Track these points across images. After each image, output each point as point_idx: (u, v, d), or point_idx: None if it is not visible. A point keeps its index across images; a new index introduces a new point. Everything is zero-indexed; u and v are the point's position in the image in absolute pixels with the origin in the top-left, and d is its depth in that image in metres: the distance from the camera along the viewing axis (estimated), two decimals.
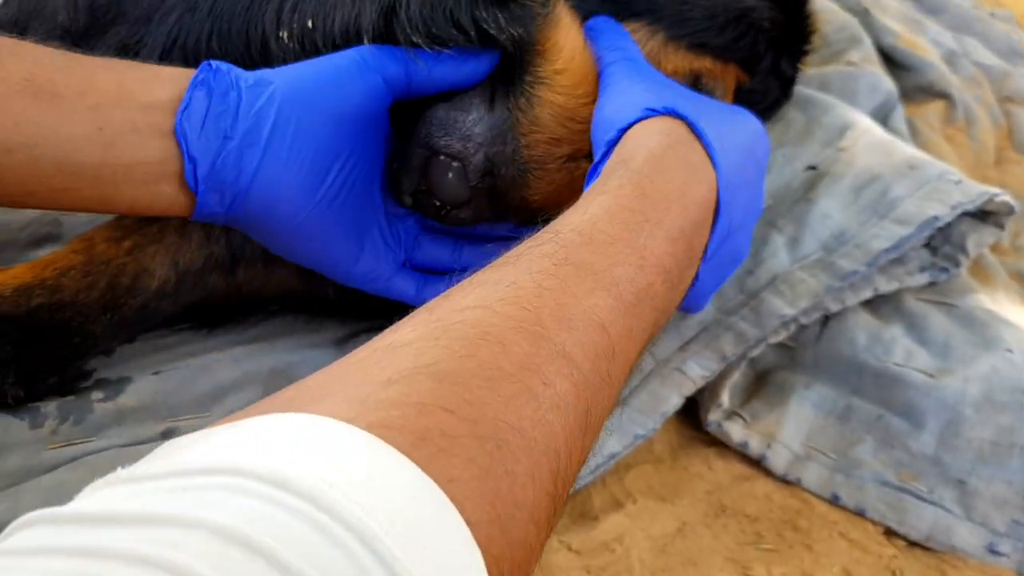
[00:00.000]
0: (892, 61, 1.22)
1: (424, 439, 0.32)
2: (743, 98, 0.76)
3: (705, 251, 0.57)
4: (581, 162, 0.68)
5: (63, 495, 0.68)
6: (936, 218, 0.84)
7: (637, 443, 0.75)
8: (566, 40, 0.67)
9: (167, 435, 0.73)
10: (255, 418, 0.33)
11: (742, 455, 0.79)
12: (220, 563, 0.25)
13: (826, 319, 0.85)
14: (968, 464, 0.75)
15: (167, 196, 0.59)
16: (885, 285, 0.86)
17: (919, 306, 0.86)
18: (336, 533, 0.27)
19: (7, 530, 0.29)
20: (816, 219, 0.86)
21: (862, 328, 0.83)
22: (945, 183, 0.87)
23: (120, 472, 0.31)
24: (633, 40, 0.69)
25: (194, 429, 0.73)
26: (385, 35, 0.63)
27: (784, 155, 0.93)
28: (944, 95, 1.16)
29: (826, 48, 1.22)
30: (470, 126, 0.64)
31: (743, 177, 0.60)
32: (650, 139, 0.56)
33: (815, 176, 0.91)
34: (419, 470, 0.30)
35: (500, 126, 0.65)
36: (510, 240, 0.61)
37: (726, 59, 0.72)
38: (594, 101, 0.66)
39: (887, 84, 1.12)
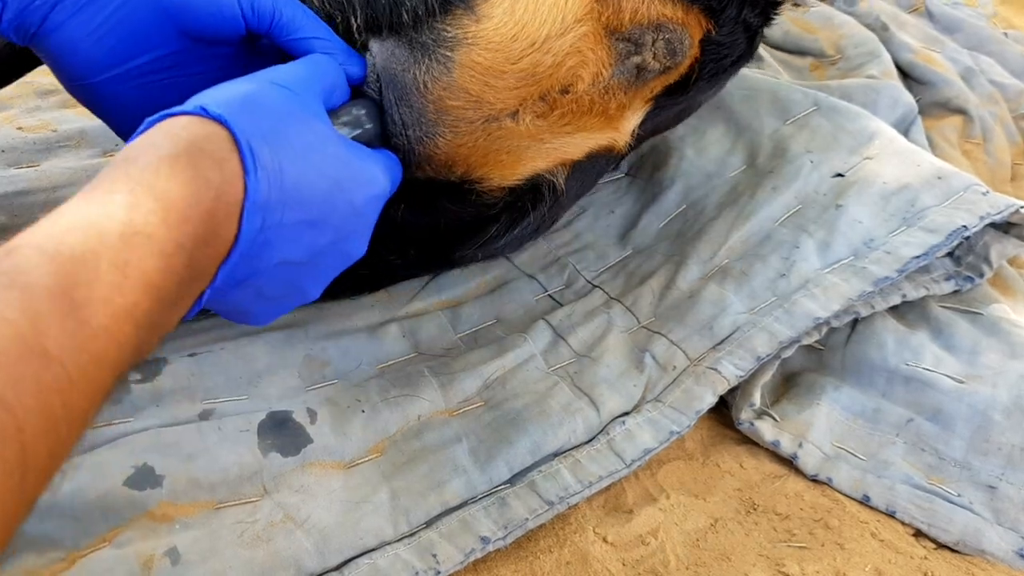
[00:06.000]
0: (910, 76, 1.24)
1: None
2: (711, 53, 0.75)
3: (216, 274, 0.51)
4: (504, 122, 0.68)
5: (104, 475, 0.68)
6: (964, 227, 0.85)
7: (672, 439, 0.76)
8: None
9: (204, 416, 0.73)
10: None
11: (772, 454, 0.79)
12: None
13: (854, 323, 0.86)
14: (998, 469, 0.76)
15: None
16: (912, 292, 0.87)
17: (944, 313, 0.87)
18: None
19: None
20: (846, 225, 0.87)
21: (890, 333, 0.84)
22: (973, 194, 0.88)
23: None
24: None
25: (233, 411, 0.74)
26: None
27: (811, 160, 0.94)
28: (961, 111, 1.18)
29: (845, 62, 1.24)
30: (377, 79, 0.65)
31: (313, 213, 0.54)
32: (168, 141, 0.49)
33: (844, 183, 0.92)
34: None
35: (402, 89, 0.65)
36: None
37: (690, 2, 0.70)
38: (539, 51, 0.65)
39: (907, 98, 1.13)
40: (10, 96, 1.01)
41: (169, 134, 0.49)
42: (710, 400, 0.78)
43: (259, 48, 0.66)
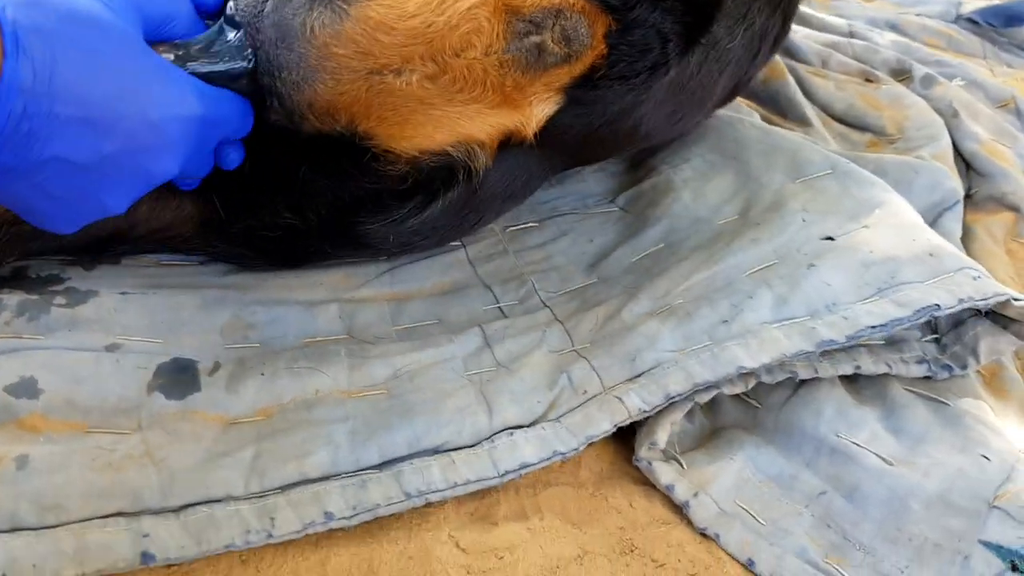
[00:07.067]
0: (971, 167, 1.17)
1: None
2: (621, 53, 0.73)
3: None
4: (387, 77, 0.68)
5: None
6: (937, 306, 0.79)
7: (555, 460, 0.73)
8: None
9: (111, 348, 0.75)
10: None
11: (668, 499, 0.75)
12: None
13: (799, 386, 0.81)
14: (903, 561, 0.69)
15: None
16: (871, 366, 0.81)
17: (905, 396, 0.81)
18: None
19: None
20: (813, 285, 0.82)
21: (832, 401, 0.79)
22: (963, 276, 0.82)
23: None
24: None
25: (140, 350, 0.76)
26: None
27: (804, 219, 0.90)
28: (1015, 208, 1.10)
29: (904, 142, 1.19)
30: (257, 15, 0.66)
31: (93, 114, 0.55)
32: None
33: (828, 247, 0.87)
34: None
35: (287, 30, 0.66)
36: None
37: None
38: (433, 11, 0.66)
39: (951, 184, 1.06)
40: None
41: None
42: (605, 428, 0.74)
43: None
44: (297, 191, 0.76)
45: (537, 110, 0.73)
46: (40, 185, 0.56)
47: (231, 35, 0.66)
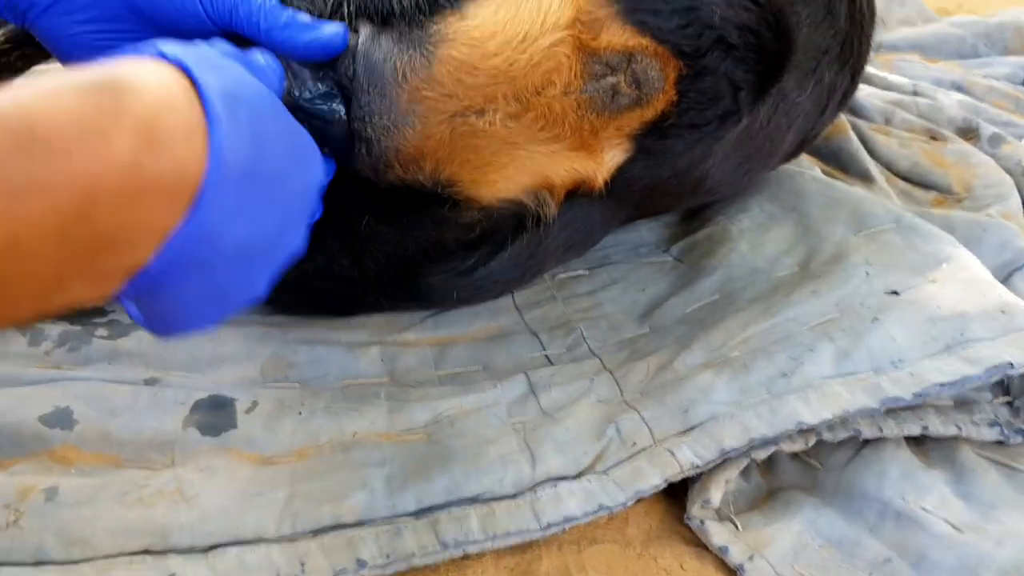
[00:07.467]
0: None
1: None
2: (692, 101, 0.71)
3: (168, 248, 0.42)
4: (470, 118, 0.67)
5: (25, 406, 0.69)
6: (1010, 365, 0.74)
7: (601, 514, 0.69)
8: None
9: (150, 382, 0.74)
10: None
11: (721, 562, 0.70)
12: None
13: (862, 446, 0.76)
14: None
15: None
16: (939, 427, 0.76)
17: (975, 460, 0.76)
18: None
19: None
20: (877, 340, 0.78)
21: (898, 463, 0.74)
22: None
23: None
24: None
25: (179, 385, 0.74)
26: None
27: (867, 272, 0.86)
28: None
29: (971, 201, 1.14)
30: (348, 62, 0.65)
31: (273, 187, 0.47)
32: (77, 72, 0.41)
33: (893, 301, 0.83)
34: None
35: (378, 76, 0.65)
36: None
37: (661, 41, 0.68)
38: (515, 49, 0.65)
39: (1021, 243, 1.01)
40: None
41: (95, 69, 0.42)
42: (655, 483, 0.70)
43: None
44: (359, 238, 0.75)
45: (608, 156, 0.72)
46: (215, 278, 0.47)
47: (322, 90, 0.64)
